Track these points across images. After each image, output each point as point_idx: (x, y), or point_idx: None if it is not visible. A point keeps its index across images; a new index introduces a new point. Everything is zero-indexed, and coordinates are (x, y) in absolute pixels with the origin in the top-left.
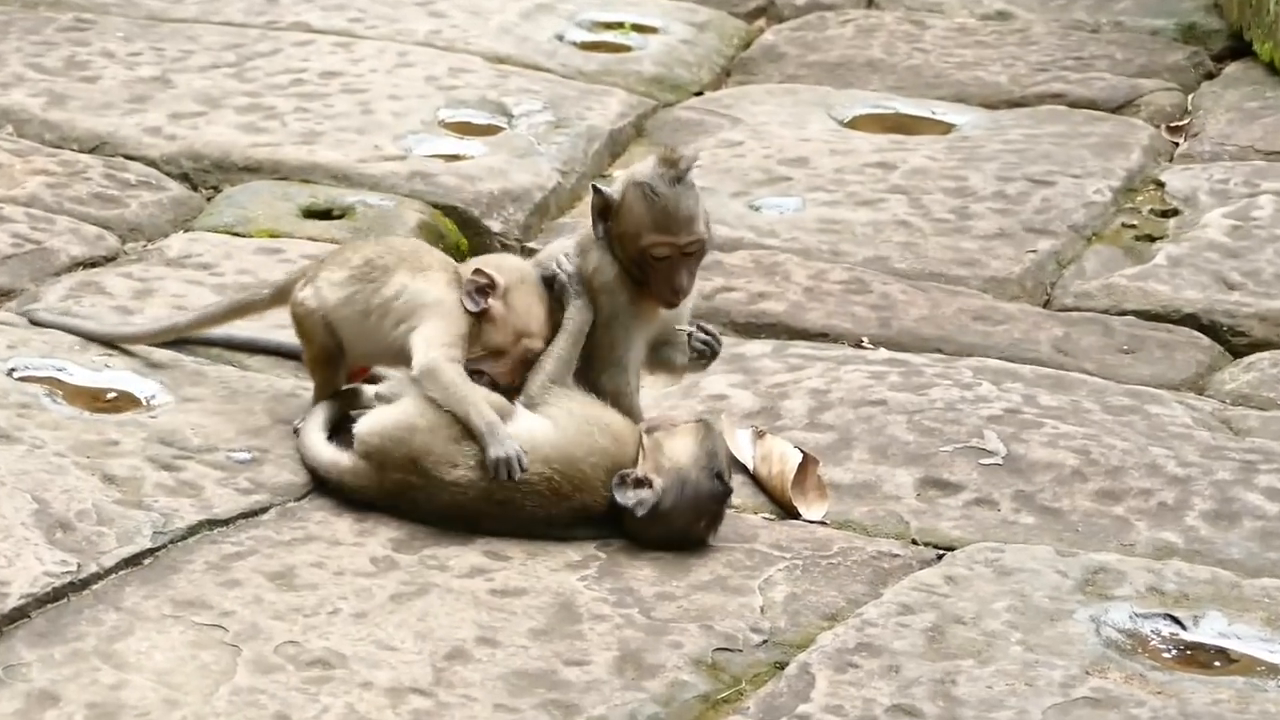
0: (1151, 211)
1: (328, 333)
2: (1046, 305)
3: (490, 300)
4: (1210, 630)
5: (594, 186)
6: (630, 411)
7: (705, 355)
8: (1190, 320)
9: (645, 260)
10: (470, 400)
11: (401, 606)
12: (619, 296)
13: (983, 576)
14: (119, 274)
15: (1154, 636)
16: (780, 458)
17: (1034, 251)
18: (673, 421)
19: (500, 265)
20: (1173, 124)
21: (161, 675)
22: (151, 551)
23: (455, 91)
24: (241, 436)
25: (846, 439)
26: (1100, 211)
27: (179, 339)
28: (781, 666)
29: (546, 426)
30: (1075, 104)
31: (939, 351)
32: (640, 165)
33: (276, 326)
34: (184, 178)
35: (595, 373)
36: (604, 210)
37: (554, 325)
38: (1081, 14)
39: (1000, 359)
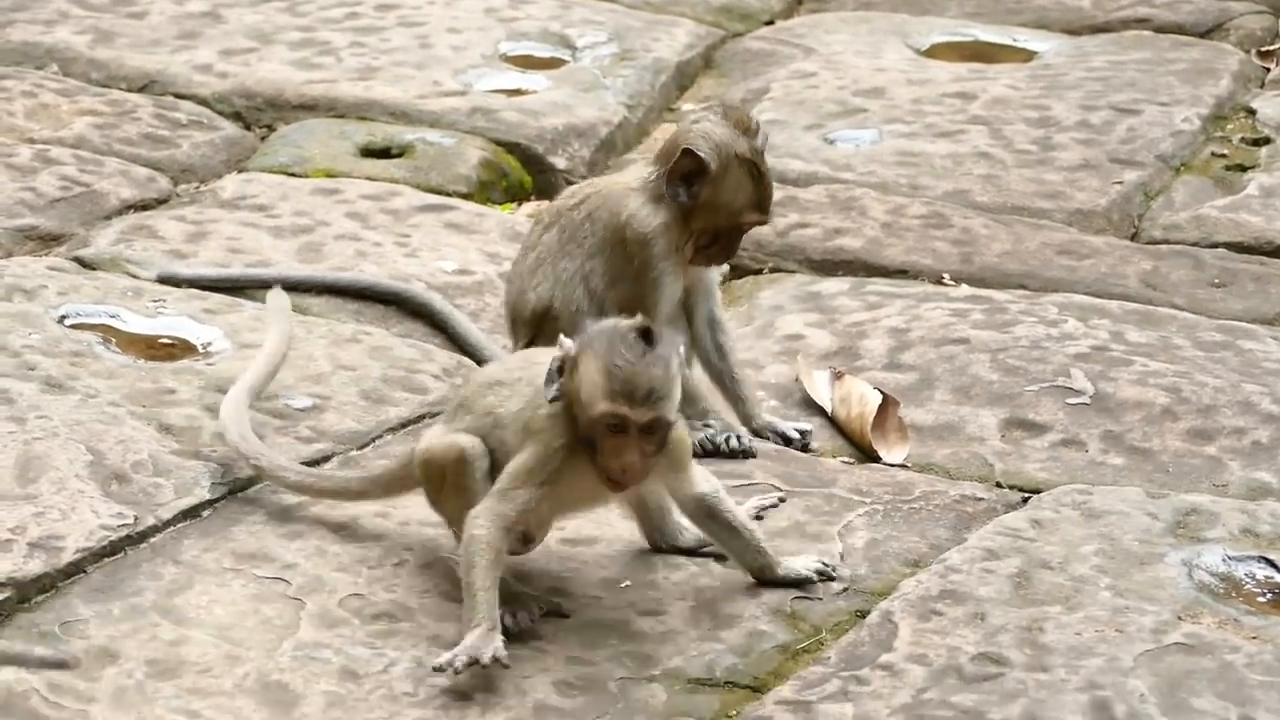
0: (1242, 140)
1: None
2: (1134, 238)
3: None
4: None
5: (690, 151)
6: None
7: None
8: None
9: (720, 230)
10: (474, 588)
11: None
12: (655, 250)
13: (1070, 520)
14: (171, 217)
15: (1248, 580)
16: (860, 399)
17: (1120, 183)
18: None
19: None
20: (1263, 49)
21: (223, 630)
22: (210, 503)
23: (516, 24)
24: (302, 383)
25: (928, 379)
26: (1188, 141)
27: (238, 286)
28: (863, 615)
29: None
30: (1161, 29)
31: (1023, 287)
32: (718, 129)
33: (336, 268)
34: (236, 117)
35: None
36: (692, 173)
37: None
38: None
39: (1086, 294)
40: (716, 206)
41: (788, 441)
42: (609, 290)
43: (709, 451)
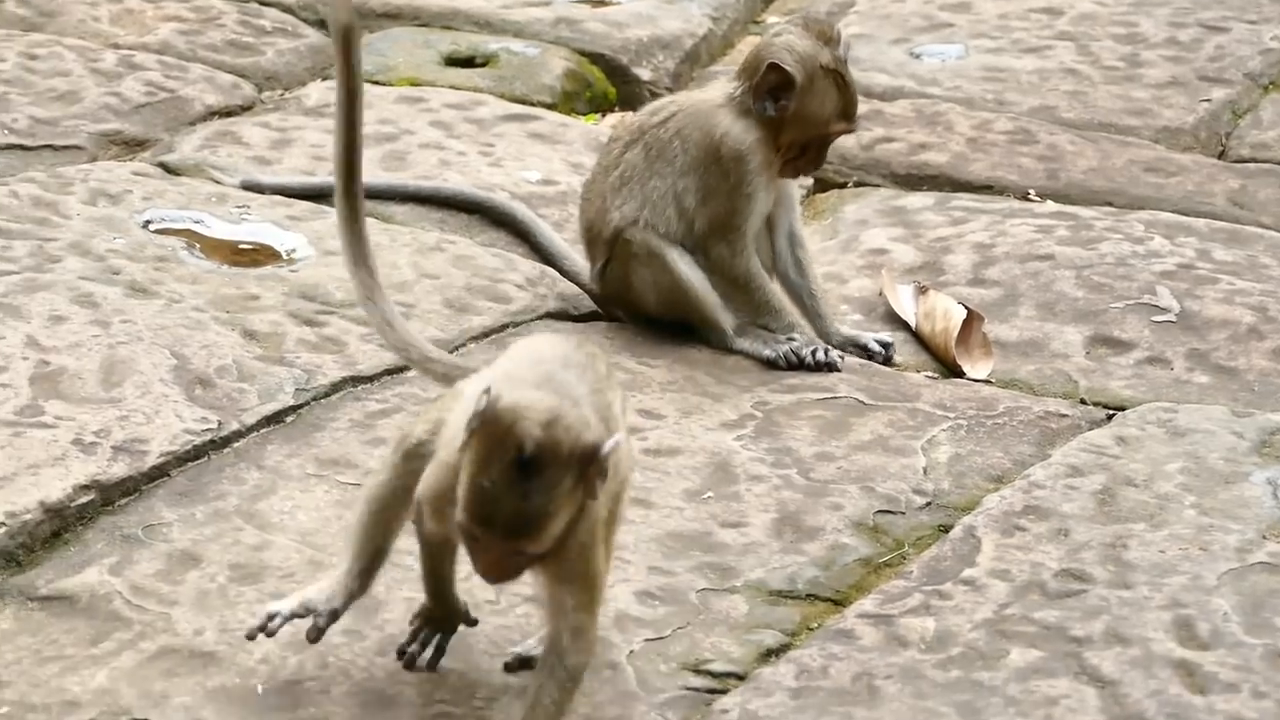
0: None
1: None
2: (1221, 156)
3: None
4: None
5: (778, 65)
6: (744, 278)
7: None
8: None
9: (813, 138)
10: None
11: None
12: (749, 165)
13: (1155, 437)
14: (256, 123)
15: None
16: (944, 314)
17: (1208, 100)
18: None
19: None
20: None
21: (305, 535)
22: (294, 409)
23: None
24: (386, 291)
25: (1012, 295)
26: (1277, 59)
27: (321, 194)
28: (946, 530)
29: None
30: None
31: (1109, 204)
32: (801, 41)
33: (420, 177)
34: (321, 24)
35: (711, 242)
36: (780, 86)
37: None
38: None
39: (1173, 212)
40: (804, 118)
41: (869, 354)
42: (700, 208)
43: (793, 365)
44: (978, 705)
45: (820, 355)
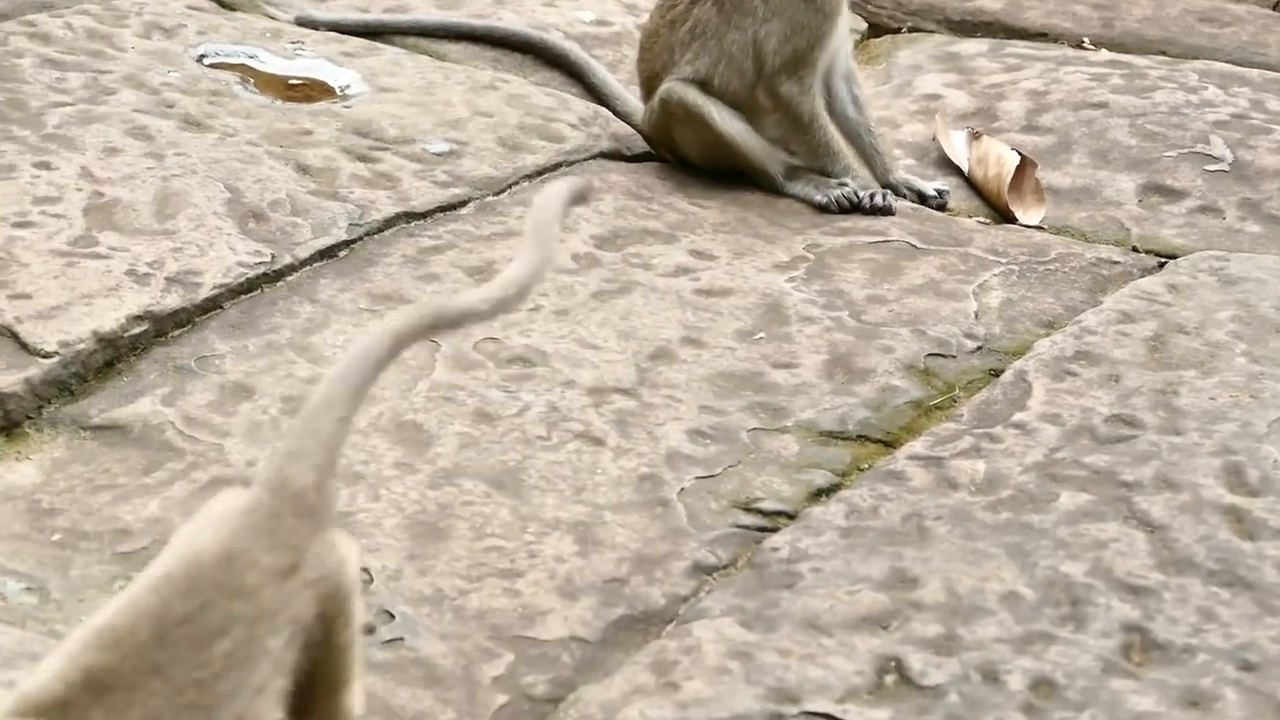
0: None
1: None
2: (1275, 8)
3: None
4: None
5: None
6: (809, 117)
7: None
8: None
9: None
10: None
11: (604, 304)
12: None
13: (1206, 285)
14: None
15: None
16: (997, 160)
17: None
18: None
19: None
20: None
21: None
22: (347, 244)
23: None
24: (439, 128)
25: (1065, 142)
26: None
27: (376, 30)
28: (996, 374)
29: None
30: None
31: (1163, 54)
32: None
33: (474, 15)
34: None
35: (780, 80)
36: None
37: None
38: None
39: (1227, 62)
40: None
41: (923, 199)
42: (781, 47)
43: (846, 208)
44: (1027, 547)
45: (876, 199)
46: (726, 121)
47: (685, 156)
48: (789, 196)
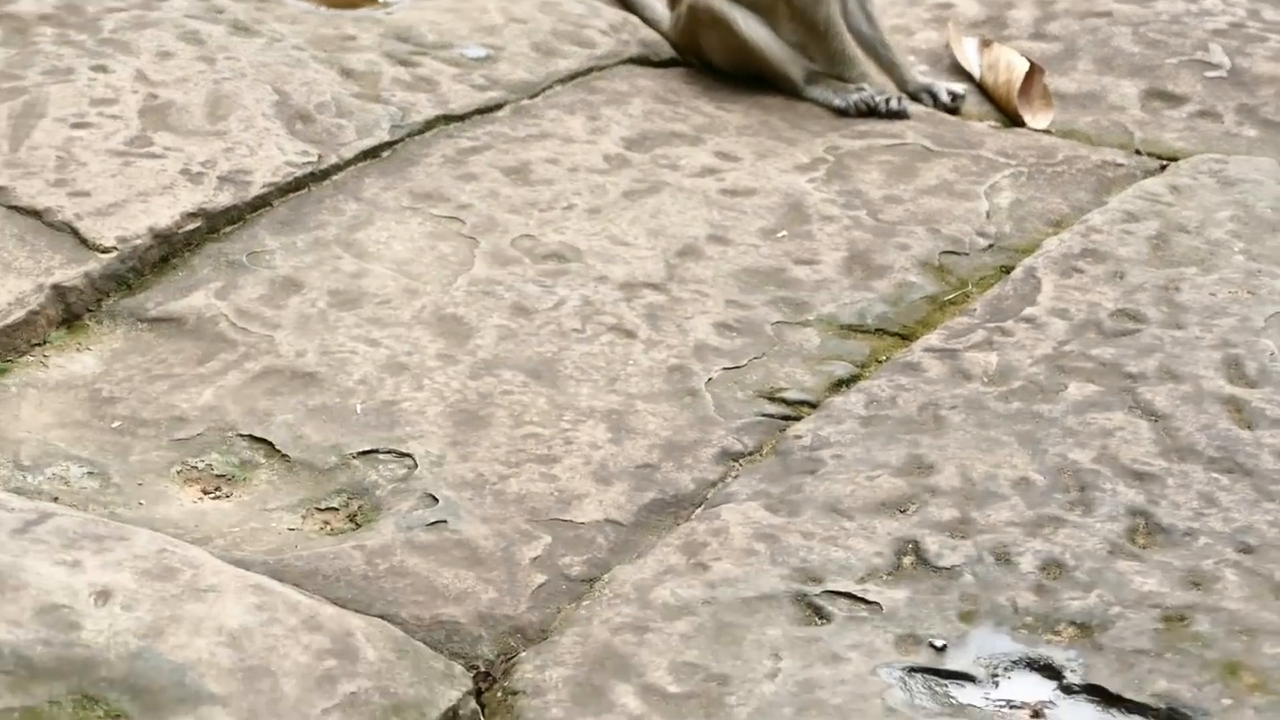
0: None
1: None
2: None
3: None
4: None
5: None
6: (824, 23)
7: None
8: None
9: None
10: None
11: (635, 203)
12: None
13: (1206, 186)
14: None
15: None
16: (1007, 66)
17: None
18: None
19: None
20: None
21: (401, 264)
22: (390, 144)
23: None
24: (476, 34)
25: (1071, 50)
26: None
27: None
28: (1007, 270)
29: None
30: None
31: None
32: None
33: None
34: None
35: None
36: None
37: None
38: None
39: None
40: None
41: (938, 102)
42: None
43: (864, 112)
44: (1037, 435)
45: (893, 104)
46: (750, 27)
47: (710, 61)
48: (809, 100)
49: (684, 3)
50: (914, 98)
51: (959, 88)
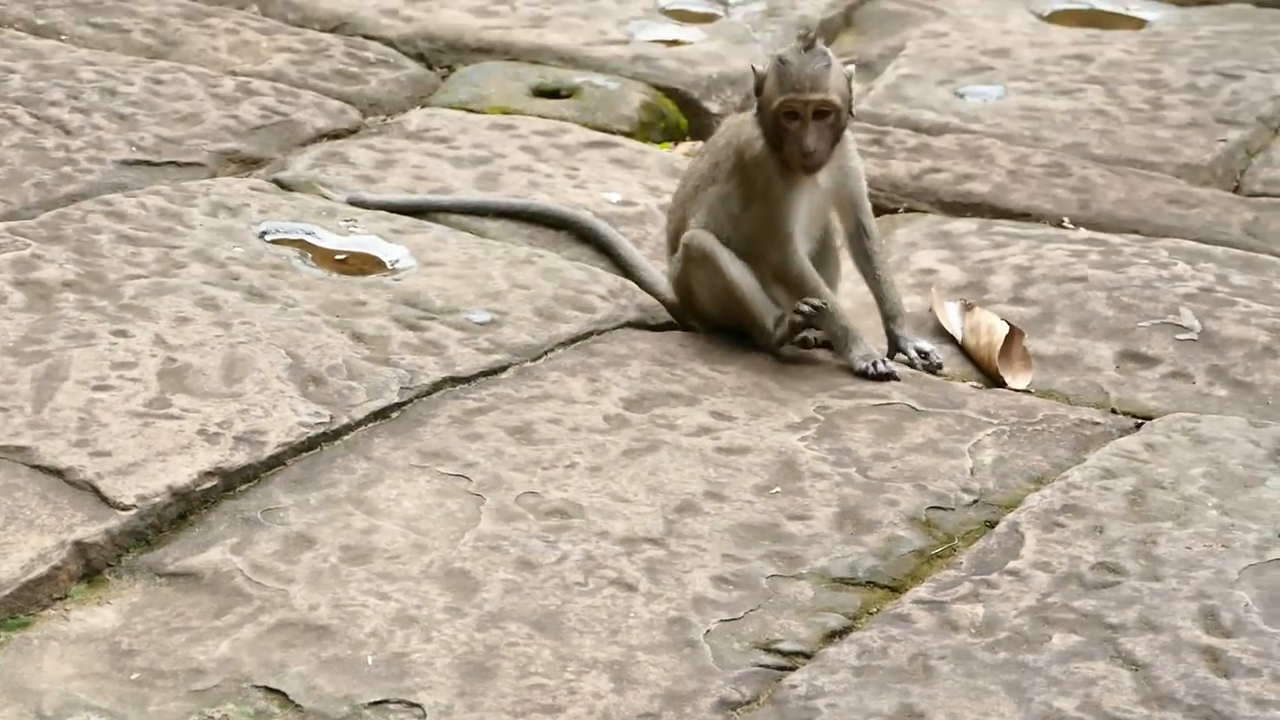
0: None
1: None
2: (1236, 190)
3: None
4: None
5: (752, 67)
6: (796, 280)
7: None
8: None
9: (779, 125)
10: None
11: (634, 461)
12: (769, 169)
13: (1180, 444)
14: (361, 145)
15: None
16: (988, 329)
17: (1224, 140)
18: None
19: None
20: None
21: (410, 521)
22: (399, 405)
23: None
24: (481, 299)
25: (1049, 313)
26: None
27: (421, 209)
28: (992, 525)
29: None
30: (1262, 4)
31: (1136, 232)
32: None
33: (511, 195)
34: (420, 57)
35: (763, 250)
36: (757, 87)
37: None
38: None
39: (1194, 240)
40: (764, 106)
41: (909, 361)
42: (744, 212)
43: (856, 372)
44: (1023, 684)
45: (880, 367)
46: (739, 271)
47: (702, 311)
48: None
49: (680, 244)
50: (899, 347)
51: (928, 346)
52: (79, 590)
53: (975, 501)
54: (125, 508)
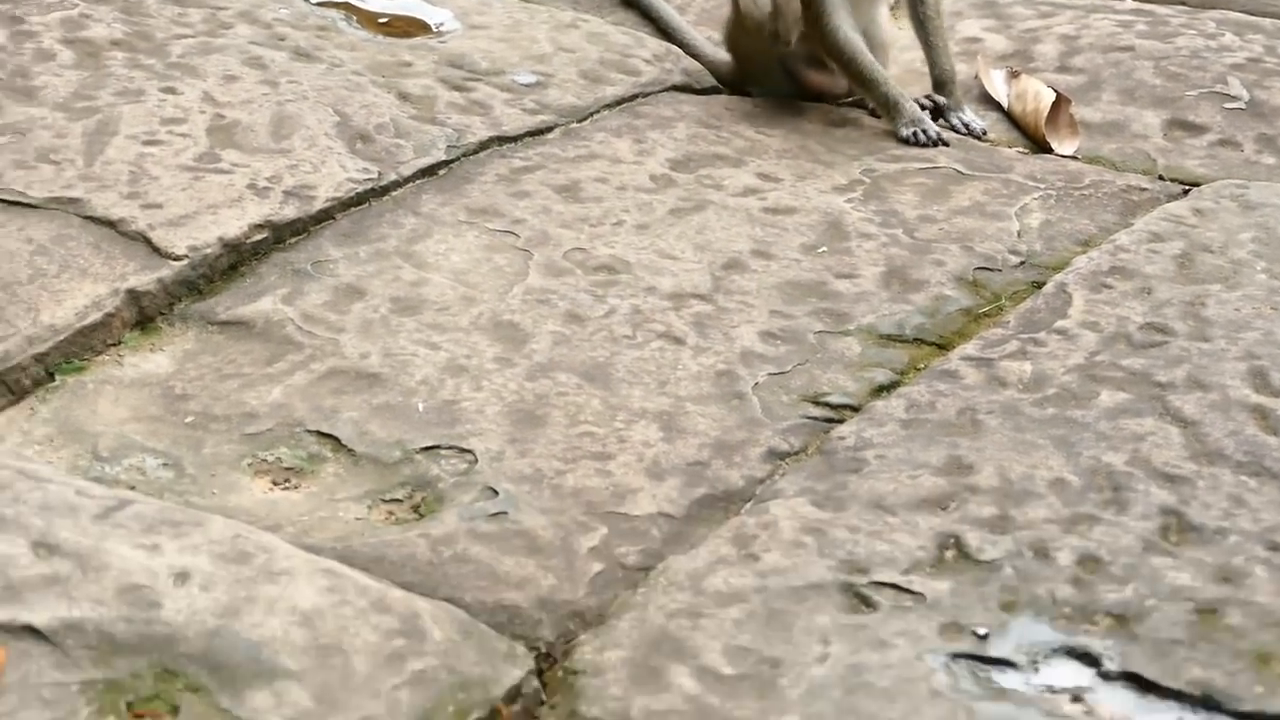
0: None
1: None
2: None
3: None
4: None
5: None
6: (836, 51)
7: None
8: None
9: None
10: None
11: (681, 220)
12: None
13: (1228, 210)
14: None
15: None
16: (1034, 96)
17: None
18: None
19: None
20: None
21: (458, 274)
22: (446, 163)
23: None
24: (526, 62)
25: (1096, 81)
26: None
27: None
28: (1039, 286)
29: None
30: None
31: (1183, 4)
32: None
33: None
34: None
35: (810, 20)
36: None
37: None
38: None
39: (1241, 12)
40: None
41: (968, 128)
42: None
43: (900, 139)
44: (1071, 439)
45: (924, 136)
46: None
47: (746, 68)
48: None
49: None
50: (941, 113)
51: (986, 117)
52: (132, 337)
53: (1022, 263)
54: (177, 258)
